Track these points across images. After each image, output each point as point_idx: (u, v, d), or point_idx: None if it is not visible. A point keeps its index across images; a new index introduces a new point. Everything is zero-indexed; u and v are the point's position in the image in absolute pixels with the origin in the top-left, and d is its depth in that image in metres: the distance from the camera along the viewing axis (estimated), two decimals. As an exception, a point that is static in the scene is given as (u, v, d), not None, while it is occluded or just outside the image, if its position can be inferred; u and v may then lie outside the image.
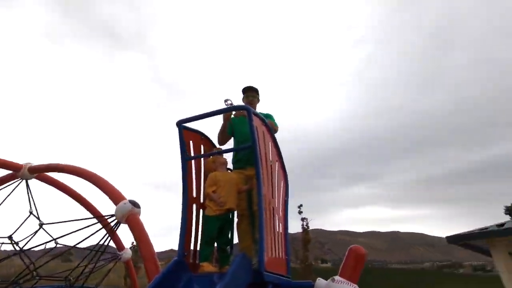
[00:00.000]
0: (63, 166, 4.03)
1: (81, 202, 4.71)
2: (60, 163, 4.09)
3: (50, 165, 4.23)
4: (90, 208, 4.72)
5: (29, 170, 4.28)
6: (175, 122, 2.55)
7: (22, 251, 3.94)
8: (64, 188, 4.60)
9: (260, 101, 3.38)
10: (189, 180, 2.60)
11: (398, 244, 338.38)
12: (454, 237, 4.95)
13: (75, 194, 4.68)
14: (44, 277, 4.07)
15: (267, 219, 2.32)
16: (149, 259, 2.78)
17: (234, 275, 1.73)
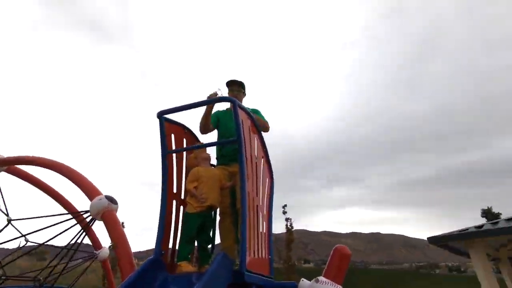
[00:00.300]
0: (34, 159, 3.79)
1: (54, 197, 4.47)
2: (31, 156, 3.85)
3: (20, 158, 3.98)
4: (65, 204, 4.48)
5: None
6: (156, 114, 2.41)
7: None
8: (36, 182, 4.34)
9: (246, 95, 3.27)
10: (169, 175, 2.46)
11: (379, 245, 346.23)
12: (435, 238, 5.02)
13: (48, 189, 4.43)
14: (12, 277, 3.81)
15: (250, 218, 2.22)
16: (124, 258, 2.63)
17: (213, 274, 1.62)
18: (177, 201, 2.54)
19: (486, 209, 12.45)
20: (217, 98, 2.37)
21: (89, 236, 4.82)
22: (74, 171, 3.42)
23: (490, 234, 4.53)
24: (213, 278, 1.61)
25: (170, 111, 2.36)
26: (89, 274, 16.68)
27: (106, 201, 3.02)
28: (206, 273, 1.60)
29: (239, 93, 3.13)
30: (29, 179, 4.29)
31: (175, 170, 2.59)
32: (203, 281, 1.54)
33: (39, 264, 15.71)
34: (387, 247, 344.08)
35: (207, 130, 3.04)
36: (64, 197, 4.49)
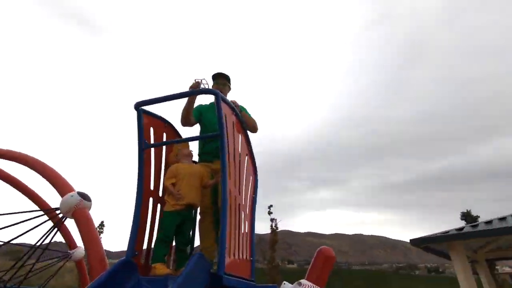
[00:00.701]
0: (2, 152, 3.53)
1: (26, 193, 4.20)
2: (6, 149, 3.59)
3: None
4: (37, 200, 4.22)
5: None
6: (133, 105, 2.25)
7: None
8: (5, 176, 4.06)
9: (231, 89, 3.15)
10: (146, 171, 2.30)
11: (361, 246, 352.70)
12: (417, 240, 5.05)
13: (19, 184, 4.16)
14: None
15: (231, 217, 2.11)
16: (95, 259, 2.47)
17: (188, 277, 1.49)
18: (154, 199, 2.39)
19: (466, 212, 12.87)
20: (199, 90, 2.25)
21: (62, 234, 4.57)
22: (45, 165, 3.20)
23: (470, 236, 4.60)
24: (188, 281, 1.48)
25: (148, 102, 2.21)
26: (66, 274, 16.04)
27: (78, 198, 2.84)
28: (180, 275, 1.47)
29: (224, 86, 3.00)
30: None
31: (153, 166, 2.44)
32: (176, 284, 1.41)
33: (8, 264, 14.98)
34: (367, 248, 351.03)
35: (188, 122, 2.86)
36: (36, 193, 4.23)
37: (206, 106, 3.08)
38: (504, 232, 4.43)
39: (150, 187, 2.36)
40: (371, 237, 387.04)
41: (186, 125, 2.87)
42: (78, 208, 2.80)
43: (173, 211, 2.28)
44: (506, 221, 4.91)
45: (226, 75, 3.04)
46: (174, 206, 2.28)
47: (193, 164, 2.72)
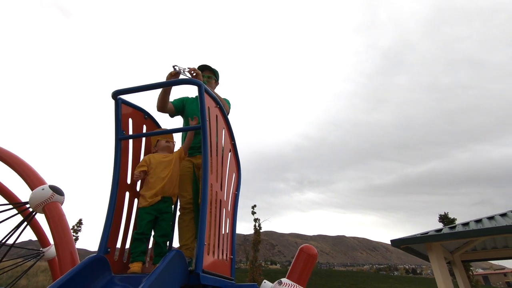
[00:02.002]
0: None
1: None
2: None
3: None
4: (6, 194, 3.97)
5: None
6: (111, 94, 2.14)
7: None
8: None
9: (219, 84, 3.05)
10: (122, 163, 2.19)
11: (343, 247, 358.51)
12: (398, 240, 5.12)
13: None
14: None
15: (211, 213, 2.03)
16: (64, 257, 2.33)
17: (161, 274, 1.40)
18: (130, 193, 2.27)
19: (443, 215, 13.33)
20: (181, 80, 2.15)
21: (34, 231, 4.33)
22: (15, 156, 3.00)
23: (447, 237, 4.70)
24: (161, 278, 1.39)
25: (126, 91, 2.10)
26: (40, 274, 15.38)
27: (50, 191, 2.68)
28: (152, 273, 1.38)
29: (210, 79, 2.91)
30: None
31: (131, 159, 2.32)
32: (148, 282, 1.32)
33: None
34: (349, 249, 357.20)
35: (164, 108, 2.71)
36: (4, 186, 3.98)
37: (191, 98, 2.97)
38: (480, 233, 4.56)
39: (126, 181, 2.24)
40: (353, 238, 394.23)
41: (161, 111, 2.71)
42: (49, 203, 2.64)
43: (147, 206, 2.18)
44: (482, 223, 5.06)
45: (213, 69, 2.94)
46: (148, 200, 2.18)
47: (169, 155, 2.58)
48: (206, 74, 2.89)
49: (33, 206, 2.63)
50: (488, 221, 5.22)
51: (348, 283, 19.41)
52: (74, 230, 13.61)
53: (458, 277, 6.82)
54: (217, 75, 3.00)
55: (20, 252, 4.73)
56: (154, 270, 1.41)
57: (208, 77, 2.90)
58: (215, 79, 2.98)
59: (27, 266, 4.78)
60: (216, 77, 3.00)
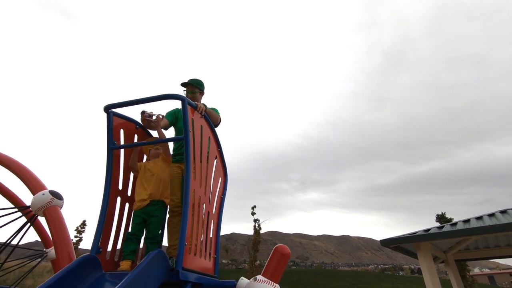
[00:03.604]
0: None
1: (4, 194, 4.19)
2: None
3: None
4: (12, 198, 4.21)
5: None
6: (103, 107, 2.35)
7: None
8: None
9: (204, 93, 3.23)
10: (114, 171, 2.40)
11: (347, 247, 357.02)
12: (387, 240, 5.27)
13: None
14: None
15: (194, 215, 2.22)
16: (62, 258, 2.54)
17: (142, 271, 1.60)
18: (122, 198, 2.48)
19: (440, 215, 13.42)
20: (166, 95, 2.34)
21: (37, 233, 4.57)
22: (18, 163, 3.24)
23: (435, 237, 4.84)
24: (142, 275, 1.59)
25: (117, 105, 2.31)
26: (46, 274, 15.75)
27: (49, 196, 2.89)
28: (134, 269, 1.58)
29: (194, 94, 3.06)
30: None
31: (122, 167, 2.53)
32: (129, 278, 1.52)
33: None
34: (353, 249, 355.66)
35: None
36: (11, 191, 4.22)
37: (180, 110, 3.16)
38: (467, 233, 4.69)
39: (118, 187, 2.45)
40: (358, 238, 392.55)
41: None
42: (49, 207, 2.86)
43: (135, 209, 2.40)
44: (469, 223, 5.20)
45: (195, 81, 3.10)
46: (136, 203, 2.39)
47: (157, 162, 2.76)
48: (189, 90, 3.05)
49: (34, 209, 2.85)
50: (489, 218, 5.34)
51: (349, 283, 19.48)
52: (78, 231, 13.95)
53: (451, 276, 6.93)
54: (201, 86, 3.15)
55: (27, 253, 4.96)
56: (136, 267, 1.61)
57: (192, 92, 3.05)
58: (199, 91, 3.13)
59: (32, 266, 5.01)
60: (201, 88, 3.15)
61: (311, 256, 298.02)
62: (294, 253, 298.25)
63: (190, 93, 3.03)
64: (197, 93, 3.07)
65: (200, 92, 3.14)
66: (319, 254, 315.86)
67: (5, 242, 3.16)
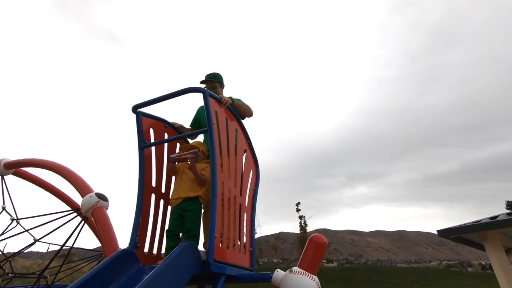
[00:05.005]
0: (39, 161, 3.95)
1: (59, 196, 4.63)
2: (36, 158, 4.02)
3: (25, 160, 4.16)
4: (69, 202, 4.63)
5: (5, 165, 4.21)
6: (131, 108, 2.44)
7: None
8: (40, 182, 4.52)
9: (224, 86, 3.21)
10: (146, 168, 2.47)
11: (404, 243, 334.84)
12: (445, 230, 4.75)
13: (53, 188, 4.59)
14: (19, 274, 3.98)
15: (225, 208, 2.20)
16: (109, 254, 2.67)
17: (171, 262, 1.60)
18: (156, 195, 2.55)
19: (511, 201, 11.73)
20: (187, 89, 2.34)
21: (95, 234, 4.96)
22: (68, 170, 3.52)
23: (504, 224, 4.23)
24: (171, 266, 1.59)
25: (143, 104, 2.38)
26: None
27: (96, 198, 3.08)
28: (163, 262, 1.59)
29: (215, 89, 3.06)
30: (33, 180, 4.48)
31: (155, 165, 2.60)
32: (158, 268, 1.52)
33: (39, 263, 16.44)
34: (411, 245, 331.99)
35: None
36: (66, 194, 4.64)
37: (202, 108, 3.20)
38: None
39: (151, 184, 2.52)
40: (416, 233, 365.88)
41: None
42: (96, 207, 3.05)
43: (172, 207, 2.44)
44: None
45: (212, 76, 3.10)
46: (171, 201, 2.43)
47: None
48: (209, 86, 3.06)
49: (83, 211, 3.07)
50: None
51: (408, 280, 18.16)
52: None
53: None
54: (219, 79, 3.14)
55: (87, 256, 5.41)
56: (165, 259, 1.62)
57: (213, 88, 3.05)
58: (219, 84, 3.13)
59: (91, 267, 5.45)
60: (220, 81, 3.14)
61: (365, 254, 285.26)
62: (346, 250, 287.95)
63: (211, 89, 3.04)
64: (218, 87, 3.08)
65: (220, 85, 3.14)
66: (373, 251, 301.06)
67: (65, 242, 3.45)
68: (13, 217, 4.02)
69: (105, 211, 3.13)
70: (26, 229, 3.88)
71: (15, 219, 4.03)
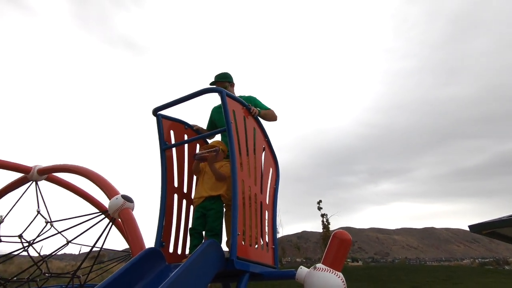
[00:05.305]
0: (68, 166, 4.15)
1: (88, 199, 4.85)
2: (66, 164, 4.23)
3: (56, 166, 4.39)
4: (96, 204, 4.83)
5: (38, 171, 4.47)
6: (151, 111, 2.51)
7: (30, 245, 4.06)
8: (70, 186, 4.75)
9: (234, 84, 3.23)
10: (168, 169, 2.54)
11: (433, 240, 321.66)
12: (478, 225, 4.51)
13: (82, 192, 4.82)
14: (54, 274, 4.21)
15: (246, 205, 2.21)
16: (136, 253, 2.76)
17: (195, 260, 1.63)
18: (179, 195, 2.61)
19: (550, 193, 10.90)
20: (204, 90, 2.38)
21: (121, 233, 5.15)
22: (95, 173, 3.69)
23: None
24: (195, 264, 1.62)
25: (163, 107, 2.44)
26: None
27: (122, 200, 3.20)
28: (187, 260, 1.62)
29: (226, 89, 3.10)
30: (64, 185, 4.72)
31: (176, 165, 2.66)
32: (182, 266, 1.55)
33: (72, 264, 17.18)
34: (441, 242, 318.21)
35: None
36: (93, 197, 4.85)
37: (215, 108, 3.24)
38: None
39: (174, 184, 2.58)
40: (446, 230, 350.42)
41: None
42: (123, 209, 3.16)
43: (195, 206, 2.49)
44: None
45: (222, 77, 3.12)
46: (194, 199, 2.48)
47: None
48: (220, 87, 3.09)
49: (111, 212, 3.19)
50: None
51: (440, 278, 17.39)
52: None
53: None
54: (229, 78, 3.16)
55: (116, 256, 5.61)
56: (189, 257, 1.65)
57: (223, 87, 3.08)
58: (229, 83, 3.14)
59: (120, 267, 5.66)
60: (229, 80, 3.16)
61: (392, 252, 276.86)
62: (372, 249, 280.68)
63: None
64: (228, 87, 3.10)
65: (230, 84, 3.16)
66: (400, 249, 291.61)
67: (95, 243, 3.61)
68: (47, 220, 4.26)
69: (131, 212, 3.24)
70: (59, 231, 4.10)
71: (49, 222, 4.26)
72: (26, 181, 4.58)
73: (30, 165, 4.46)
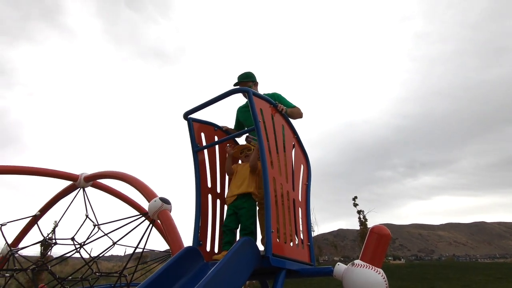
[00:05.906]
0: (110, 173, 4.45)
1: (129, 203, 5.15)
2: (109, 170, 4.53)
3: (100, 173, 4.71)
4: (138, 208, 5.11)
5: (85, 179, 4.83)
6: (182, 115, 2.60)
7: (82, 247, 4.39)
8: (112, 191, 5.08)
9: (258, 83, 3.24)
10: (201, 171, 2.61)
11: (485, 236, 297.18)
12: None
13: (123, 196, 5.13)
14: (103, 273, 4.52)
15: (279, 203, 2.21)
16: (176, 252, 2.88)
17: (231, 258, 1.66)
18: (212, 195, 2.68)
19: None
20: (232, 90, 2.42)
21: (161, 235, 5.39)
22: (135, 178, 3.90)
23: None
24: (231, 262, 1.65)
25: (193, 110, 2.53)
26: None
27: (160, 202, 3.35)
28: (223, 257, 1.65)
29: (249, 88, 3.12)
30: (107, 190, 5.05)
31: (209, 166, 2.73)
32: (219, 264, 1.59)
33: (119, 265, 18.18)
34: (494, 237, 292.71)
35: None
36: (137, 202, 5.13)
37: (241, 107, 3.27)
38: None
39: (207, 185, 2.66)
40: (498, 224, 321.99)
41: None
42: (161, 211, 3.32)
43: (228, 204, 2.54)
44: None
45: (244, 77, 3.13)
46: (227, 198, 2.53)
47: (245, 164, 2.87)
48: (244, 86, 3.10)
49: (150, 214, 3.36)
50: None
51: (493, 277, 16.01)
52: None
53: None
54: (252, 77, 3.17)
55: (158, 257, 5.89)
56: (225, 256, 1.69)
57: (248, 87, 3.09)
58: (252, 83, 3.15)
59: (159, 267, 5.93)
60: (253, 80, 3.17)
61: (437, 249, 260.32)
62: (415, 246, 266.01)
63: None
64: (252, 86, 3.12)
65: (254, 83, 3.17)
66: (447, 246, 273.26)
67: (138, 244, 3.82)
68: (95, 223, 4.58)
69: (169, 213, 3.38)
70: (105, 233, 4.40)
71: (97, 225, 4.59)
72: (74, 188, 4.98)
73: (77, 173, 4.84)
